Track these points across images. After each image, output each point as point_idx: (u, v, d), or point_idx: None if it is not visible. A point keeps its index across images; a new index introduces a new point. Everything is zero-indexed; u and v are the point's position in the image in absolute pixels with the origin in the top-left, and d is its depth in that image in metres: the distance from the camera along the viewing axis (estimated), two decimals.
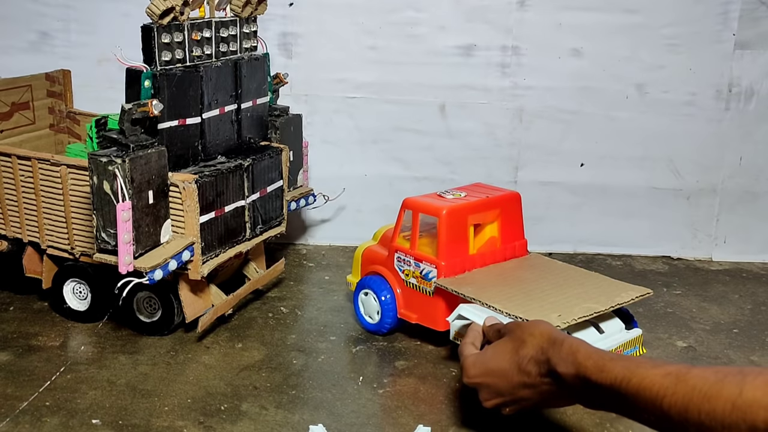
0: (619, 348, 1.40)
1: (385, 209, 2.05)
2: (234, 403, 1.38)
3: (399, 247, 1.59)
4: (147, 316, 1.62)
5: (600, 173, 2.11)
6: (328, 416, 1.34)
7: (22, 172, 1.64)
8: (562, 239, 2.15)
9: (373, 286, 1.62)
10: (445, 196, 1.58)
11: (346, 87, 2.08)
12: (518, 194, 1.63)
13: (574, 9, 2.00)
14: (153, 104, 1.41)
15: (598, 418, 1.35)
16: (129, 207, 1.38)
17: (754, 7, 1.98)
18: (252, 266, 1.81)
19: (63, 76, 1.96)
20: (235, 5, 1.64)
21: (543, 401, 1.13)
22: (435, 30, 2.04)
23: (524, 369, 1.11)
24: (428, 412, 1.36)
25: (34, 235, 1.68)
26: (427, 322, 1.56)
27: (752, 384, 0.83)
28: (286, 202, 1.77)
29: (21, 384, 1.42)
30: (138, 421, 1.31)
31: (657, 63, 2.03)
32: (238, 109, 1.69)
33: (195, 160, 1.59)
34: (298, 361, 1.53)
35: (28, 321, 1.67)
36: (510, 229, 1.62)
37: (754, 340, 1.67)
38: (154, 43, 1.45)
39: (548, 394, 1.10)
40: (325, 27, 2.05)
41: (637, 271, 2.04)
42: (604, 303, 1.41)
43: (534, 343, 1.11)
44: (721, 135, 2.07)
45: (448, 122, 2.09)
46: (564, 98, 2.06)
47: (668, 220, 2.13)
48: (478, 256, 1.57)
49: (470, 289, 1.45)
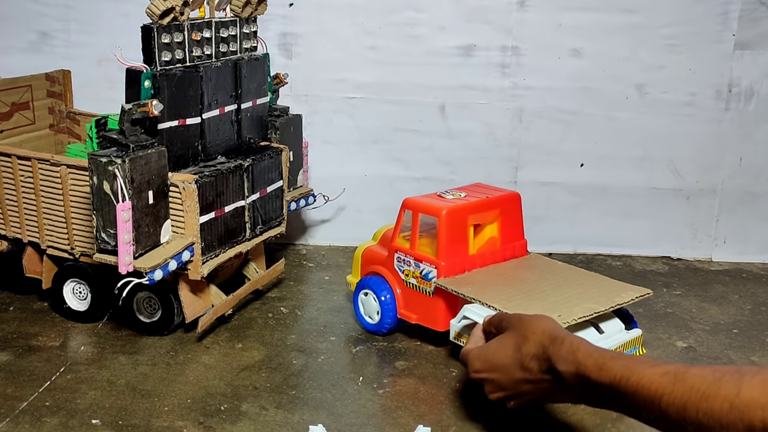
0: (619, 348, 1.40)
1: (385, 209, 2.05)
2: (234, 403, 1.38)
3: (399, 247, 1.59)
4: (147, 317, 1.62)
5: (600, 173, 2.11)
6: (328, 416, 1.34)
7: (22, 173, 1.64)
8: (561, 239, 2.15)
9: (373, 287, 1.62)
10: (445, 196, 1.58)
11: (346, 87, 2.08)
12: (518, 194, 1.63)
13: (573, 9, 2.00)
14: (153, 104, 1.41)
15: (599, 419, 1.35)
16: (129, 207, 1.38)
17: (754, 8, 1.98)
18: (252, 266, 1.81)
19: (63, 76, 1.96)
20: (235, 5, 1.64)
21: (545, 397, 1.13)
22: (435, 30, 2.04)
23: (526, 366, 1.11)
24: (428, 413, 1.36)
25: (34, 235, 1.68)
26: (427, 322, 1.56)
27: (749, 384, 0.84)
28: (286, 202, 1.77)
29: (21, 384, 1.42)
30: (138, 422, 1.31)
31: (657, 63, 2.03)
32: (238, 110, 1.69)
33: (195, 160, 1.59)
34: (298, 361, 1.53)
35: (28, 321, 1.67)
36: (510, 229, 1.62)
37: (754, 341, 1.67)
38: (154, 43, 1.45)
39: (549, 391, 1.11)
40: (325, 27, 2.05)
41: (637, 272, 2.04)
42: (604, 303, 1.41)
43: (535, 340, 1.11)
44: (721, 135, 2.07)
45: (448, 122, 2.09)
46: (564, 98, 2.06)
47: (668, 221, 2.13)
48: (478, 257, 1.57)
49: (470, 289, 1.45)
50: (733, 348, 1.63)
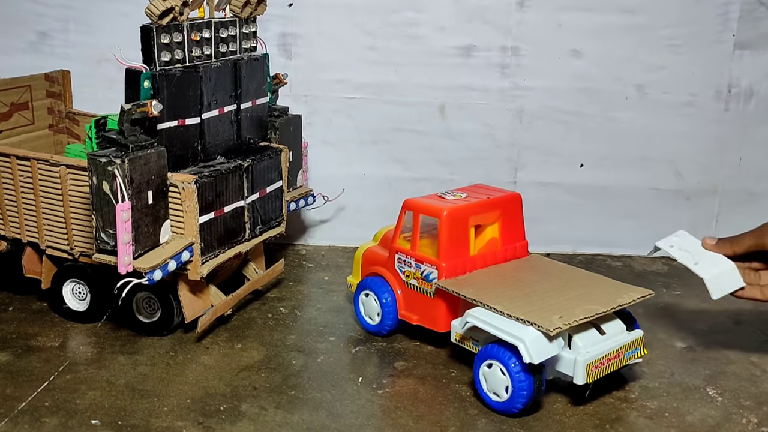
0: (621, 349, 1.40)
1: (385, 210, 2.05)
2: (233, 403, 1.37)
3: (400, 248, 1.59)
4: (146, 317, 1.62)
5: (600, 174, 2.11)
6: (327, 417, 1.34)
7: (22, 173, 1.64)
8: (561, 240, 2.15)
9: (374, 288, 1.62)
10: (445, 197, 1.58)
11: (345, 87, 2.08)
12: (519, 195, 1.63)
13: (574, 10, 2.00)
14: (152, 104, 1.41)
15: (598, 420, 1.35)
16: (128, 207, 1.38)
17: (753, 8, 1.98)
18: (251, 267, 1.81)
19: (62, 76, 1.96)
20: (234, 6, 1.64)
21: None
22: (435, 31, 2.04)
23: None
24: (428, 413, 1.36)
25: (33, 236, 1.68)
26: (428, 323, 1.56)
27: None
28: (286, 202, 1.77)
29: (20, 384, 1.42)
30: (137, 422, 1.31)
31: (657, 64, 2.03)
32: (237, 110, 1.69)
33: (194, 160, 1.59)
34: (297, 361, 1.53)
35: (28, 321, 1.67)
36: (511, 230, 1.62)
37: (754, 341, 1.67)
38: (153, 43, 1.45)
39: None
40: (324, 28, 2.05)
41: (637, 272, 2.04)
42: (606, 304, 1.40)
43: None
44: (721, 136, 2.07)
45: (447, 123, 2.09)
46: (564, 99, 2.06)
47: (668, 221, 2.12)
48: (479, 257, 1.57)
49: (471, 290, 1.45)
50: (733, 348, 1.63)
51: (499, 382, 1.35)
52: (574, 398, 1.42)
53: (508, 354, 1.33)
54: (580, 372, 1.34)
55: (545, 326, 1.31)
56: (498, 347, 1.35)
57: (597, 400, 1.41)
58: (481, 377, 1.38)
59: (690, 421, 1.36)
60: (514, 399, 1.33)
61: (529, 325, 1.33)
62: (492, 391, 1.37)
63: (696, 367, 1.55)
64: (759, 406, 1.42)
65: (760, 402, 1.43)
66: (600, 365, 1.36)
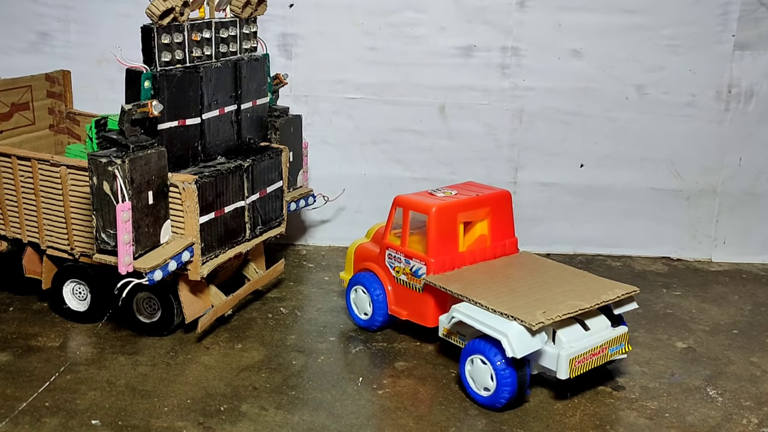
0: (605, 345, 1.41)
1: (385, 210, 2.03)
2: (234, 403, 1.38)
3: (390, 244, 1.60)
4: (147, 317, 1.62)
5: (600, 174, 2.11)
6: (327, 417, 1.34)
7: (22, 173, 1.64)
8: (561, 240, 2.15)
9: (365, 283, 1.63)
10: (435, 194, 1.60)
11: (346, 88, 2.08)
12: (509, 192, 1.64)
13: (573, 10, 2.00)
14: (153, 105, 1.41)
15: (599, 420, 1.35)
16: (129, 207, 1.38)
17: (754, 8, 1.98)
18: (252, 267, 1.81)
19: (63, 76, 1.96)
20: (234, 6, 1.64)
21: None
22: (435, 31, 2.04)
23: None
24: (428, 413, 1.36)
25: (33, 236, 1.68)
26: (417, 318, 1.57)
27: None
28: (286, 202, 1.77)
29: (20, 384, 1.42)
30: (137, 422, 1.31)
31: (657, 64, 2.03)
32: (237, 110, 1.69)
33: (195, 160, 1.59)
34: (297, 361, 1.53)
35: (28, 321, 1.67)
36: (500, 227, 1.63)
37: (754, 341, 1.67)
38: (153, 43, 1.45)
39: None
40: (324, 28, 2.05)
41: (637, 272, 2.04)
42: (590, 300, 1.41)
43: None
44: (721, 136, 2.07)
45: (447, 123, 2.09)
46: (564, 99, 2.06)
47: (668, 221, 2.13)
48: (468, 254, 1.57)
49: (458, 286, 1.46)
50: (733, 349, 1.63)
51: (483, 376, 1.36)
52: (573, 398, 1.42)
53: (493, 349, 1.35)
54: (563, 367, 1.35)
55: (528, 321, 1.32)
56: (483, 342, 1.36)
57: (597, 401, 1.42)
58: (466, 372, 1.39)
59: (690, 421, 1.37)
60: (498, 393, 1.34)
61: (513, 320, 1.34)
62: (477, 386, 1.38)
63: (696, 367, 1.56)
64: (759, 406, 1.42)
65: (760, 402, 1.43)
66: (583, 360, 1.38)
